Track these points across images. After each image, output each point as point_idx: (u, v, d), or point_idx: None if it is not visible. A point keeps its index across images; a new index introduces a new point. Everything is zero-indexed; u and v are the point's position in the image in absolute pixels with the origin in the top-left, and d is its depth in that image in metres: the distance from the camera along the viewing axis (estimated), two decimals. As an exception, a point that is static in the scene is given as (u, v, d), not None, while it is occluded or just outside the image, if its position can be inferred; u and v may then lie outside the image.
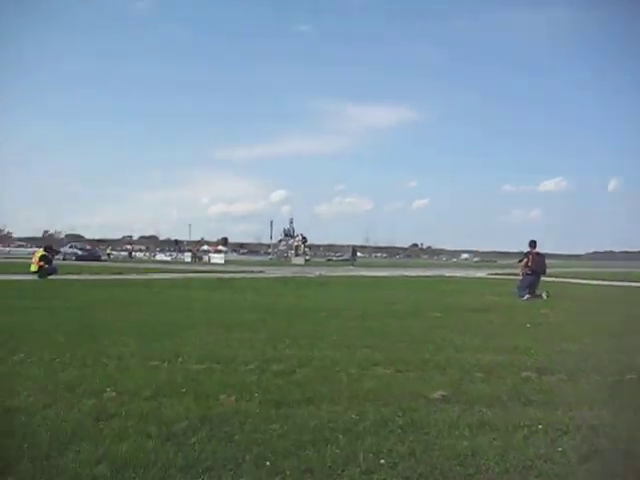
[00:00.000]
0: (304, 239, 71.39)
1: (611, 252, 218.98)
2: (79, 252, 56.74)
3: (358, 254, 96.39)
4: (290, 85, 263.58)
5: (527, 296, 17.32)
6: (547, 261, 18.59)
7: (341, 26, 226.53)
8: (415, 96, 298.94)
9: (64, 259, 48.03)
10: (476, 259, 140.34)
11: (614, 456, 4.15)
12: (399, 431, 4.59)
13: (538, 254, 18.21)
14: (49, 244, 28.23)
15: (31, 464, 3.77)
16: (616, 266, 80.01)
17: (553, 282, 18.88)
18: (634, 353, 8.06)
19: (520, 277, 18.48)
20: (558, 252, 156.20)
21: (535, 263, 17.85)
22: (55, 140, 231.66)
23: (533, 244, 18.33)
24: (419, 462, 3.97)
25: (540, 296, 17.33)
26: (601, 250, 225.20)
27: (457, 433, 4.55)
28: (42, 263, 23.23)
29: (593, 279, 32.41)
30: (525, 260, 18.15)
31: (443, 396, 5.55)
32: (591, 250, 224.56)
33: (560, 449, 4.23)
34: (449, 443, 4.33)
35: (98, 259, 57.02)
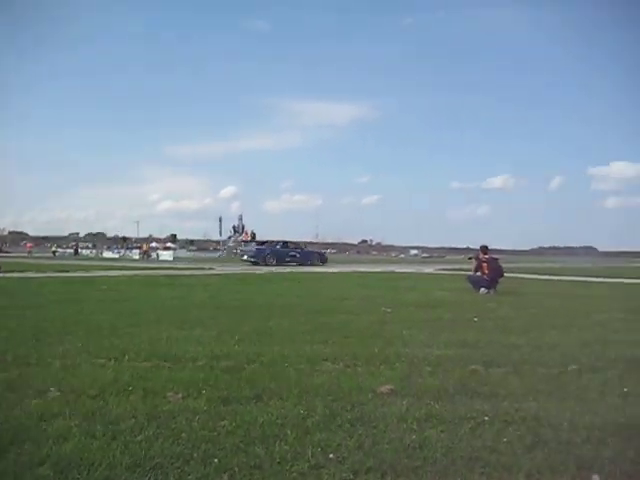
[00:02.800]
0: (253, 235, 70.85)
1: (555, 247, 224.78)
2: None
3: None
4: (240, 81, 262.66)
5: (484, 290, 17.65)
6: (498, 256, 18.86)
7: (294, 22, 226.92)
8: (367, 93, 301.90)
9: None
10: (425, 255, 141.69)
11: (557, 445, 4.24)
12: (348, 425, 4.61)
13: (492, 259, 18.39)
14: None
15: (-31, 467, 3.65)
16: (560, 261, 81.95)
17: (503, 277, 19.14)
18: (577, 345, 8.26)
19: (472, 273, 18.74)
20: (505, 248, 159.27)
21: (491, 270, 18.00)
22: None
23: (485, 249, 18.53)
24: (367, 455, 3.99)
25: (489, 291, 17.59)
26: (546, 245, 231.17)
27: (405, 426, 4.59)
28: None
29: (539, 274, 33.11)
30: (477, 263, 18.37)
31: (392, 390, 5.58)
32: (536, 246, 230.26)
33: (505, 440, 4.31)
34: (397, 436, 4.36)
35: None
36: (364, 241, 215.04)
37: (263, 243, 47.46)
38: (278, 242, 45.55)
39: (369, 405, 5.14)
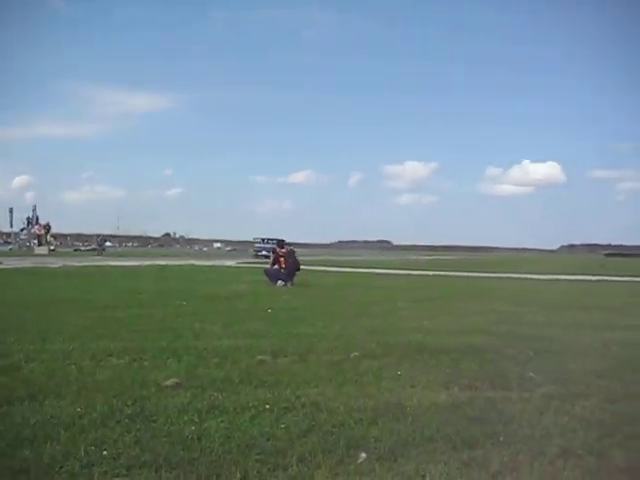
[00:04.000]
0: (48, 227, 66.62)
1: (354, 241, 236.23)
2: None
3: (108, 243, 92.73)
4: (37, 64, 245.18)
5: (281, 283, 17.98)
6: (297, 249, 19.38)
7: (95, 10, 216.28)
8: (172, 84, 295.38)
9: None
10: (228, 248, 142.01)
11: (331, 428, 4.44)
12: (127, 421, 4.48)
13: (290, 253, 18.81)
14: None
15: None
16: (358, 254, 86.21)
17: (301, 270, 19.71)
18: (363, 334, 8.73)
19: (269, 266, 19.05)
20: (308, 241, 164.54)
21: (289, 264, 18.44)
22: None
23: (281, 243, 18.97)
24: (144, 450, 3.90)
25: (286, 284, 18.00)
26: (345, 239, 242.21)
27: (186, 418, 4.56)
28: None
29: (337, 266, 34.55)
30: (274, 257, 18.70)
31: (176, 383, 5.52)
32: (336, 240, 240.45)
33: (283, 426, 4.43)
34: (176, 429, 4.32)
35: None
36: (167, 234, 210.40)
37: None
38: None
39: (152, 399, 5.03)
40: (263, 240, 61.37)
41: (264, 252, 52.84)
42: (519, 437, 4.39)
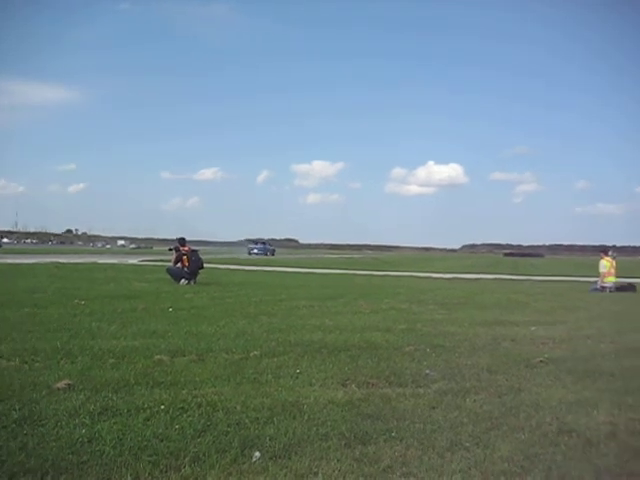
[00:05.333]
0: None
1: (261, 240, 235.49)
2: None
3: (5, 240, 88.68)
4: None
5: (184, 281, 17.76)
6: (204, 247, 19.14)
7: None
8: (77, 77, 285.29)
9: None
10: (133, 246, 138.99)
11: (226, 428, 4.44)
12: (13, 426, 4.31)
13: (193, 251, 18.55)
14: None
15: None
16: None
17: (206, 268, 19.52)
18: (264, 332, 8.75)
19: (172, 264, 18.75)
20: (214, 239, 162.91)
21: (192, 263, 18.22)
22: None
23: (183, 241, 18.67)
24: (30, 456, 3.76)
25: (189, 282, 17.79)
26: (252, 237, 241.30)
27: (77, 421, 4.44)
28: None
29: (243, 265, 34.42)
30: (177, 256, 18.40)
31: (68, 385, 5.35)
32: (244, 238, 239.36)
33: (178, 427, 4.39)
34: (66, 432, 4.19)
35: None
36: (69, 231, 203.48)
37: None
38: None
39: (41, 402, 4.85)
40: (255, 242, 79.38)
41: (255, 250, 72.02)
42: (411, 432, 4.52)
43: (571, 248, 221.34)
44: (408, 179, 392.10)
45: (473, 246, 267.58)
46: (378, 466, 3.87)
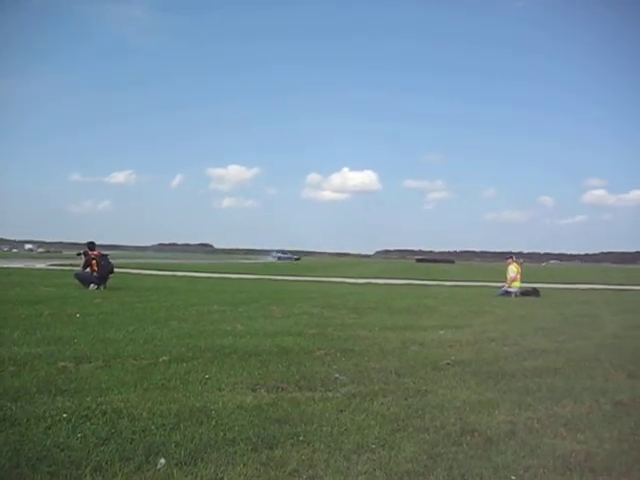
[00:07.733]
0: None
1: (174, 244, 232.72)
2: None
3: None
4: None
5: (94, 286, 17.29)
6: (115, 252, 18.74)
7: None
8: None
9: None
10: (41, 250, 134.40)
11: (131, 435, 4.35)
12: None
13: (102, 256, 18.10)
14: None
15: None
16: (177, 257, 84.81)
17: (117, 273, 19.09)
18: (173, 337, 8.65)
19: (81, 269, 18.26)
20: (126, 243, 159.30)
21: (101, 268, 17.79)
22: None
23: (92, 245, 18.23)
24: None
25: (99, 287, 17.36)
26: (166, 242, 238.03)
27: (-29, 433, 4.25)
28: None
29: (155, 270, 33.80)
30: (86, 260, 17.93)
31: (-36, 395, 5.13)
32: (157, 242, 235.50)
33: (80, 435, 4.27)
34: (-42, 445, 4.01)
35: None
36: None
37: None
38: None
39: None
40: (283, 252, 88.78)
41: (281, 257, 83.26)
42: (318, 435, 4.56)
43: (482, 255, 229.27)
44: (323, 185, 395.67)
45: (386, 252, 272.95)
46: (284, 470, 3.89)
